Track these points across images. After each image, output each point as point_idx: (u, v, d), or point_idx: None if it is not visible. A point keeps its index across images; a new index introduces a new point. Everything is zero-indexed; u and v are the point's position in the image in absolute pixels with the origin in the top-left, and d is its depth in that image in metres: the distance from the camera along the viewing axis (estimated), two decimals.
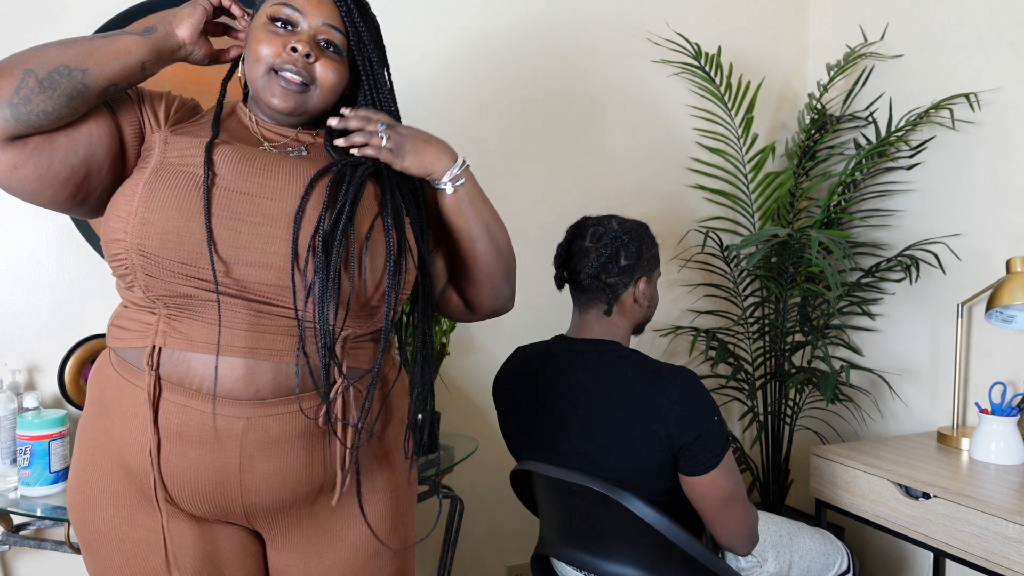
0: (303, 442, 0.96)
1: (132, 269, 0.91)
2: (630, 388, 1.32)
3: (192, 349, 0.92)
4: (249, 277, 0.91)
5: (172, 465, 0.93)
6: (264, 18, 1.01)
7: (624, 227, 1.41)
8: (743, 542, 1.39)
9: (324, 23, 1.01)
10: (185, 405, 0.92)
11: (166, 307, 0.93)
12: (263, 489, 0.95)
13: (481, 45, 2.14)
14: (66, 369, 1.73)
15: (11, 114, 0.87)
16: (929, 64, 2.14)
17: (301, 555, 1.03)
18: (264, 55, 0.99)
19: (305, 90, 1.01)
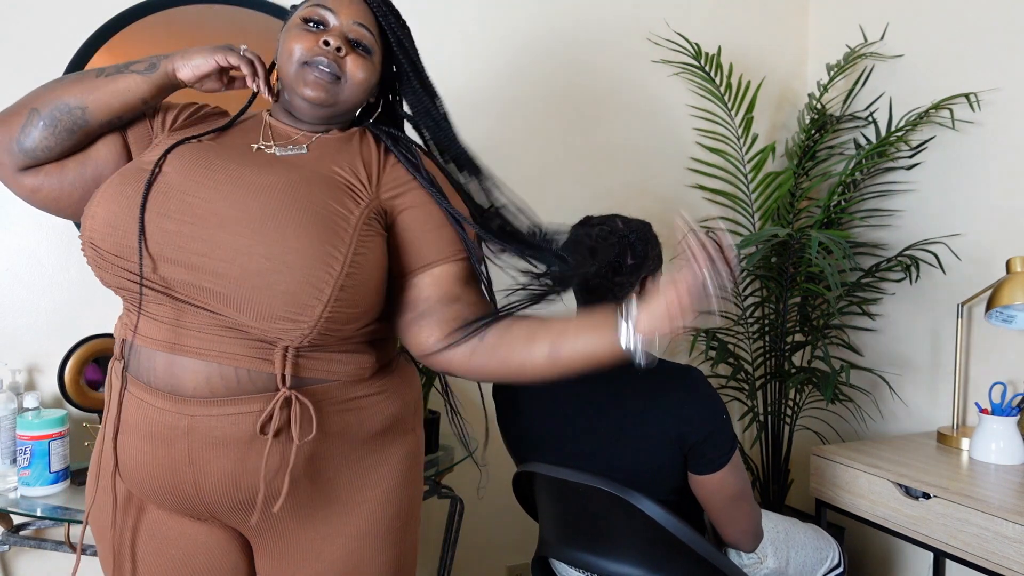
0: (253, 446, 0.93)
1: (90, 261, 0.96)
2: (640, 388, 1.31)
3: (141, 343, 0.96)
4: (172, 275, 0.92)
5: (131, 458, 0.97)
6: (297, 20, 1.05)
7: (630, 226, 1.41)
8: (749, 539, 1.39)
9: (355, 22, 1.04)
10: (141, 400, 0.95)
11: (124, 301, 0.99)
12: (218, 489, 0.95)
13: (480, 45, 2.14)
14: (66, 369, 1.73)
15: (18, 149, 0.98)
16: (929, 64, 2.14)
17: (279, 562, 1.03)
18: (297, 50, 1.01)
19: (336, 82, 1.02)
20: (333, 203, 0.96)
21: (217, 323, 0.93)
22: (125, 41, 1.80)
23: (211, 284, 0.91)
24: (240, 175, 0.95)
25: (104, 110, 0.98)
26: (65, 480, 1.62)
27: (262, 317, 0.91)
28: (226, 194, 0.93)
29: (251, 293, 0.90)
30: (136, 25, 1.81)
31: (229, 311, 0.91)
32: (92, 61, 1.77)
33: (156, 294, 0.94)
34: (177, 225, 0.92)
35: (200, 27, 1.86)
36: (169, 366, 0.94)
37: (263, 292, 0.90)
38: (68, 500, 1.56)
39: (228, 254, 0.90)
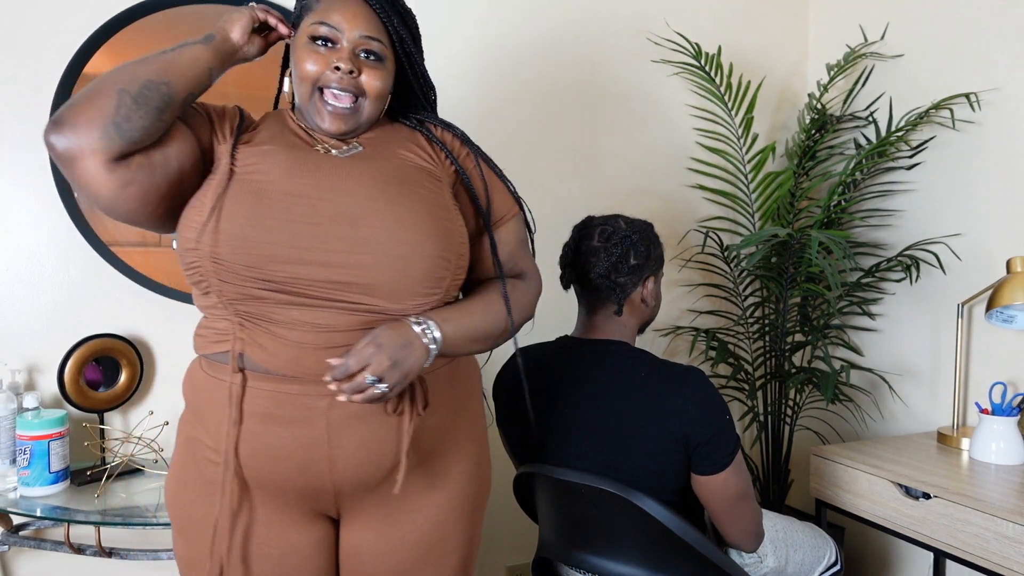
0: (383, 417, 1.02)
1: (206, 275, 0.98)
2: (643, 389, 1.31)
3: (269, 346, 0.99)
4: (307, 275, 0.97)
5: (264, 445, 1.00)
6: (304, 38, 1.06)
7: (632, 226, 1.41)
8: (751, 539, 1.39)
9: (362, 35, 1.06)
10: (274, 390, 1.00)
11: (237, 313, 1.00)
12: (350, 463, 1.01)
13: (481, 46, 2.14)
14: (66, 369, 1.73)
15: (116, 132, 0.92)
16: (929, 64, 2.14)
17: (375, 533, 1.09)
18: (309, 73, 1.05)
19: (356, 107, 1.07)
20: (426, 183, 1.07)
21: (346, 311, 0.99)
22: (125, 41, 1.80)
23: (351, 277, 0.98)
24: (344, 175, 1.02)
25: (183, 83, 0.98)
26: (65, 480, 1.62)
27: (401, 297, 1.00)
28: (343, 192, 1.00)
29: (392, 277, 0.99)
30: (136, 25, 1.81)
31: (367, 299, 0.99)
32: (92, 61, 1.77)
33: (288, 296, 0.98)
34: (310, 228, 0.98)
35: (200, 27, 1.86)
36: (300, 356, 0.99)
37: (403, 274, 0.99)
38: (68, 500, 1.56)
39: (369, 247, 0.98)
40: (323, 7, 1.06)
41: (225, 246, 0.96)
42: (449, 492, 1.11)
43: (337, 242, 0.98)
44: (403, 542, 1.09)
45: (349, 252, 0.98)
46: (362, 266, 0.98)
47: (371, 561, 1.09)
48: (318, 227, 0.98)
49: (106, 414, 1.81)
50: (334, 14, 1.05)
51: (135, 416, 1.86)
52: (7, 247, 1.76)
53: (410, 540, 1.09)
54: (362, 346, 0.95)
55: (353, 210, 1.00)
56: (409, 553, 1.09)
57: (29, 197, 1.76)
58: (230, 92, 1.88)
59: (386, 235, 0.99)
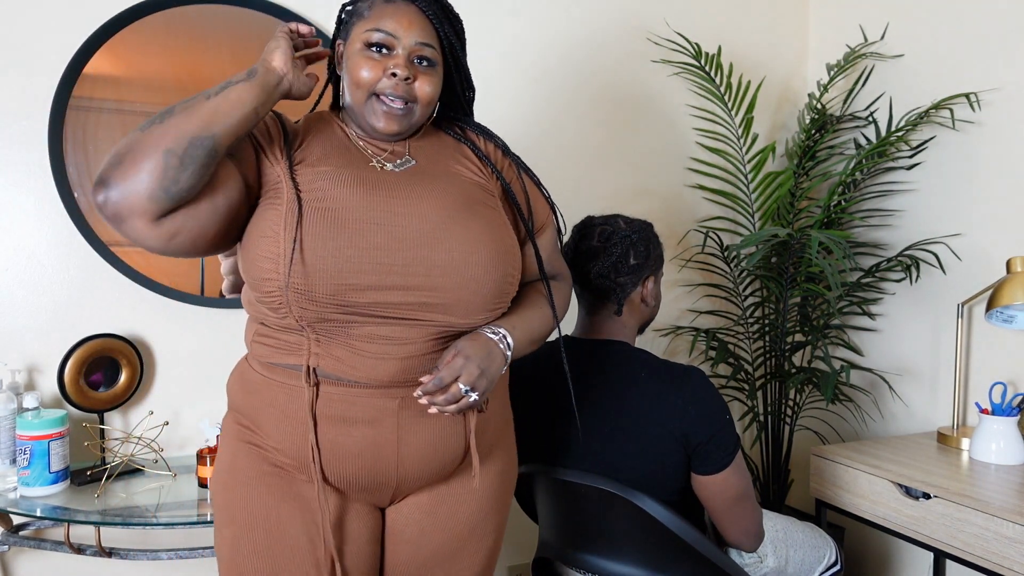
0: (445, 417, 1.08)
1: (286, 303, 1.00)
2: (644, 389, 1.31)
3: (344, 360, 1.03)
4: (387, 299, 1.02)
5: (336, 445, 1.05)
6: (359, 44, 1.07)
7: (632, 226, 1.41)
8: (751, 539, 1.39)
9: (417, 42, 1.07)
10: (347, 394, 1.04)
11: (314, 331, 1.03)
12: (416, 460, 1.08)
13: (481, 45, 2.14)
14: (66, 369, 1.73)
15: (163, 195, 0.92)
16: (929, 64, 2.15)
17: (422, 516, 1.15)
18: (365, 80, 1.06)
19: (408, 111, 1.08)
20: (488, 203, 1.12)
21: (421, 326, 1.05)
22: (125, 41, 1.80)
23: (428, 298, 1.03)
24: (414, 198, 1.06)
25: (230, 131, 0.96)
26: (65, 480, 1.62)
27: (472, 313, 1.06)
28: (416, 217, 1.04)
29: (465, 296, 1.04)
30: (136, 25, 1.81)
31: (442, 316, 1.05)
32: (92, 61, 1.77)
33: (366, 317, 1.02)
34: (389, 255, 1.01)
35: (200, 27, 1.86)
36: (376, 366, 1.04)
37: (475, 294, 1.05)
38: (68, 500, 1.56)
39: (445, 270, 1.03)
40: (375, 14, 1.07)
41: (308, 278, 0.98)
42: (491, 482, 1.19)
43: (416, 266, 1.02)
44: (447, 526, 1.15)
45: (427, 276, 1.03)
46: (438, 288, 1.03)
47: (416, 541, 1.15)
48: (397, 253, 1.02)
49: (106, 414, 1.81)
50: (388, 20, 1.06)
51: (135, 416, 1.86)
52: (7, 247, 1.76)
53: (454, 524, 1.16)
54: (451, 359, 1.03)
55: (428, 234, 1.03)
56: (452, 535, 1.16)
57: (29, 197, 1.76)
58: None
59: (461, 259, 1.04)
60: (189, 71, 1.87)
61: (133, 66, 1.81)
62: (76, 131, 1.78)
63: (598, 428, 1.34)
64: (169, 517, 1.50)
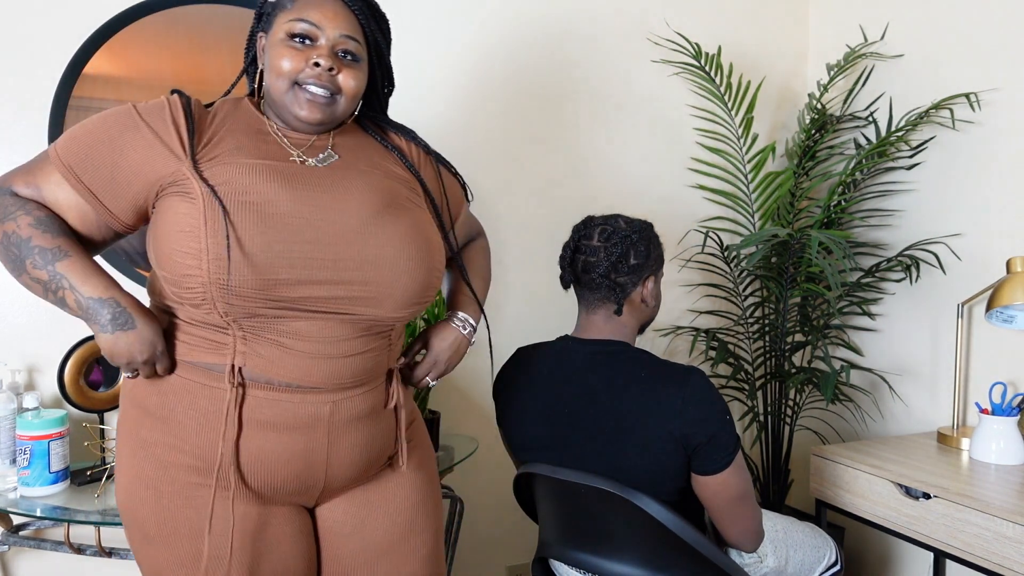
0: (375, 418, 1.11)
1: (210, 299, 0.97)
2: (643, 389, 1.31)
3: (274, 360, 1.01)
4: (320, 293, 1.01)
5: (263, 452, 1.03)
6: (282, 34, 1.06)
7: (632, 226, 1.41)
8: (750, 539, 1.39)
9: (341, 34, 1.06)
10: (276, 399, 1.02)
11: (241, 328, 1.00)
12: (345, 462, 1.08)
13: (482, 45, 2.14)
14: (66, 369, 1.73)
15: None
16: (929, 64, 2.15)
17: (354, 511, 1.15)
18: (287, 70, 1.05)
19: (332, 101, 1.07)
20: (413, 199, 1.14)
21: (350, 321, 1.04)
22: (125, 41, 1.80)
23: (359, 292, 1.03)
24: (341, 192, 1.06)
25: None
26: (65, 480, 1.62)
27: (400, 307, 1.07)
28: (344, 212, 1.04)
29: (395, 290, 1.05)
30: (136, 25, 1.81)
31: (371, 310, 1.05)
32: (92, 61, 1.77)
33: (294, 311, 1.01)
34: (319, 249, 1.00)
35: (200, 27, 1.86)
36: (308, 366, 1.02)
37: (405, 288, 1.06)
38: (68, 500, 1.56)
39: (375, 265, 1.03)
40: (300, 5, 1.06)
41: (235, 273, 0.95)
42: (419, 475, 1.21)
43: (346, 261, 1.02)
44: (387, 513, 1.16)
45: (357, 270, 1.02)
46: (369, 282, 1.03)
47: (359, 533, 1.15)
48: (328, 248, 1.01)
49: (106, 414, 1.81)
50: (313, 11, 1.05)
51: None
52: None
53: (393, 511, 1.17)
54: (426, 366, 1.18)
55: (356, 230, 1.03)
56: (394, 522, 1.17)
57: None
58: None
59: (391, 254, 1.04)
60: (189, 71, 1.87)
61: (133, 66, 1.81)
62: None
63: (598, 428, 1.34)
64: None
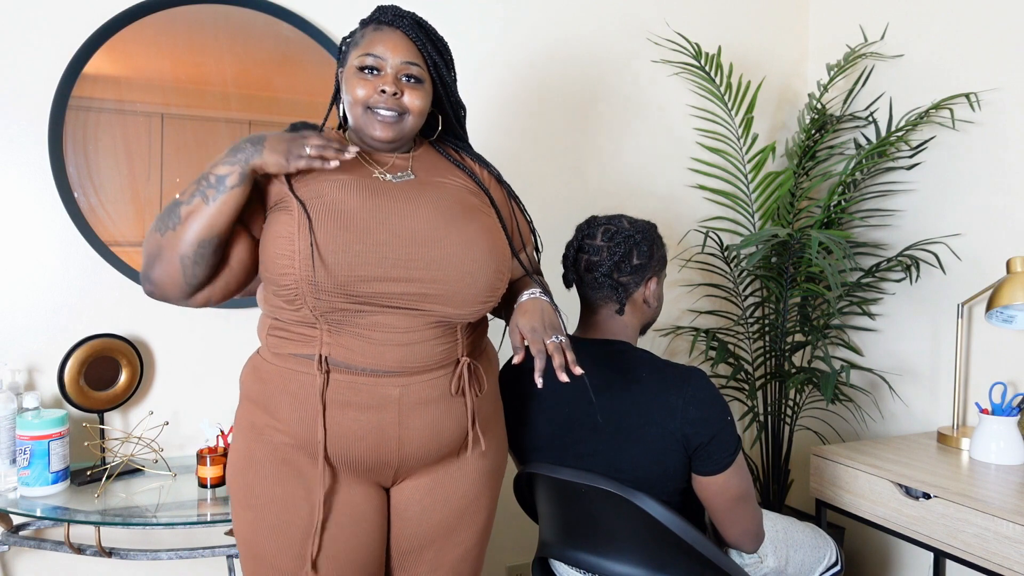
0: (444, 401, 1.20)
1: (301, 296, 1.12)
2: (645, 389, 1.31)
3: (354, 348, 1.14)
4: (394, 290, 1.14)
5: (342, 428, 1.15)
6: (354, 68, 1.21)
7: (636, 226, 1.41)
8: (751, 540, 1.39)
9: (403, 61, 1.20)
10: (354, 383, 1.15)
11: (327, 322, 1.14)
12: (416, 442, 1.19)
13: (482, 45, 2.14)
14: (66, 369, 1.73)
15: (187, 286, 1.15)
16: (929, 64, 2.15)
17: (422, 495, 1.26)
18: (359, 97, 1.20)
19: (400, 119, 1.21)
20: (479, 207, 1.26)
21: (421, 315, 1.16)
22: (125, 41, 1.80)
23: (428, 290, 1.15)
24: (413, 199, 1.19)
25: (228, 225, 1.12)
26: (65, 480, 1.62)
27: (466, 305, 1.18)
28: (417, 217, 1.17)
29: (461, 289, 1.16)
30: (136, 25, 1.81)
31: (439, 306, 1.16)
32: (92, 61, 1.77)
33: (372, 307, 1.13)
34: (393, 250, 1.14)
35: (200, 27, 1.86)
36: (383, 353, 1.15)
37: (470, 287, 1.17)
38: (68, 500, 1.56)
39: (443, 265, 1.15)
40: (367, 41, 1.21)
41: (319, 270, 1.10)
42: (485, 462, 1.30)
43: (416, 261, 1.14)
44: (445, 503, 1.27)
45: (426, 269, 1.14)
46: (438, 281, 1.15)
47: (417, 519, 1.26)
48: (400, 249, 1.14)
49: (106, 414, 1.81)
50: (378, 45, 1.20)
51: (135, 416, 1.86)
52: (7, 247, 1.76)
53: (451, 502, 1.27)
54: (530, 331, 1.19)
55: (428, 232, 1.16)
56: (449, 513, 1.28)
57: (29, 197, 1.76)
58: (231, 92, 1.89)
59: (458, 254, 1.16)
60: (189, 71, 1.87)
61: (133, 66, 1.81)
62: (76, 131, 1.78)
63: (599, 428, 1.34)
64: (169, 517, 1.50)
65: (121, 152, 1.81)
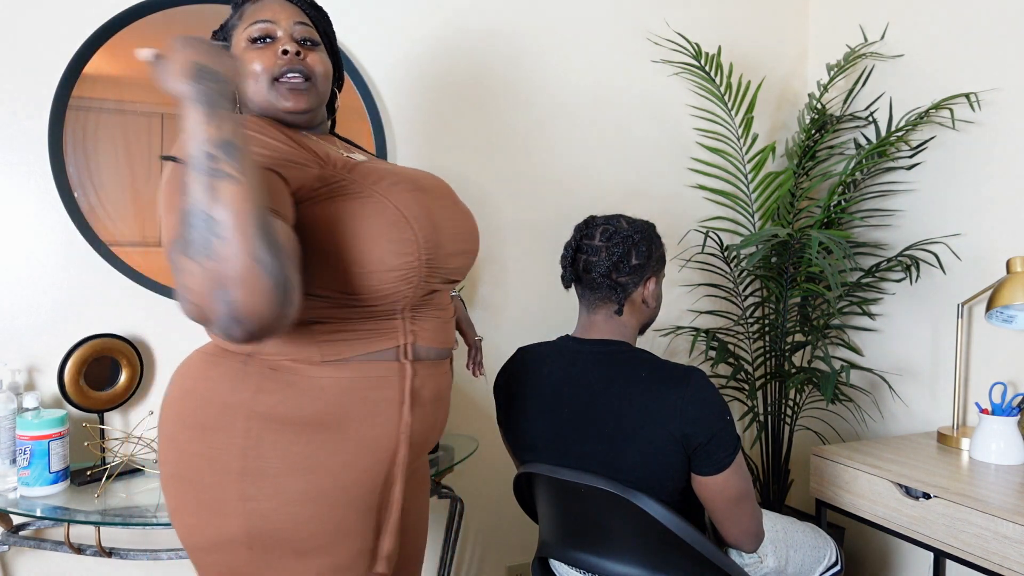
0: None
1: (414, 282, 1.01)
2: (644, 389, 1.31)
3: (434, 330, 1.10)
4: (463, 263, 1.13)
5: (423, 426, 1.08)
6: (243, 43, 1.11)
7: (634, 226, 1.41)
8: (751, 540, 1.39)
9: (295, 22, 1.12)
10: (430, 374, 1.09)
11: (411, 309, 1.05)
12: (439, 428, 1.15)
13: (482, 44, 2.14)
14: (66, 369, 1.73)
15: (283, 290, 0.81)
16: (929, 64, 2.15)
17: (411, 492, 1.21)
18: (260, 70, 1.09)
19: (311, 84, 1.11)
20: None
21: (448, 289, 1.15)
22: (125, 41, 1.80)
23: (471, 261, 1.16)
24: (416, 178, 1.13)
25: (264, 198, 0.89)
26: (65, 480, 1.62)
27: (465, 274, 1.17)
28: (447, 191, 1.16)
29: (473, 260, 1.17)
30: (136, 25, 1.81)
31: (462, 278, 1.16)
32: (92, 61, 1.77)
33: (446, 283, 1.11)
34: (456, 224, 1.11)
35: (200, 27, 1.86)
36: (447, 330, 1.13)
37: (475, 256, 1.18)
38: (68, 500, 1.56)
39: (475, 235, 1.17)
40: (248, 14, 1.12)
41: (434, 252, 1.04)
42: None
43: (471, 232, 1.15)
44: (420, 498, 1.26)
45: (474, 240, 1.16)
46: (475, 252, 1.17)
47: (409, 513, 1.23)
48: (461, 222, 1.13)
49: (106, 414, 1.81)
50: (263, 12, 1.11)
51: (135, 416, 1.86)
52: (7, 247, 1.76)
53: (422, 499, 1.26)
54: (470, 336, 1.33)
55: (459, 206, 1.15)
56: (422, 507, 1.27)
57: (29, 197, 1.76)
58: None
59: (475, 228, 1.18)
60: None
61: (133, 66, 1.81)
62: (76, 131, 1.78)
63: (598, 428, 1.34)
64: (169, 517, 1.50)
65: (121, 152, 1.81)
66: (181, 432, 1.01)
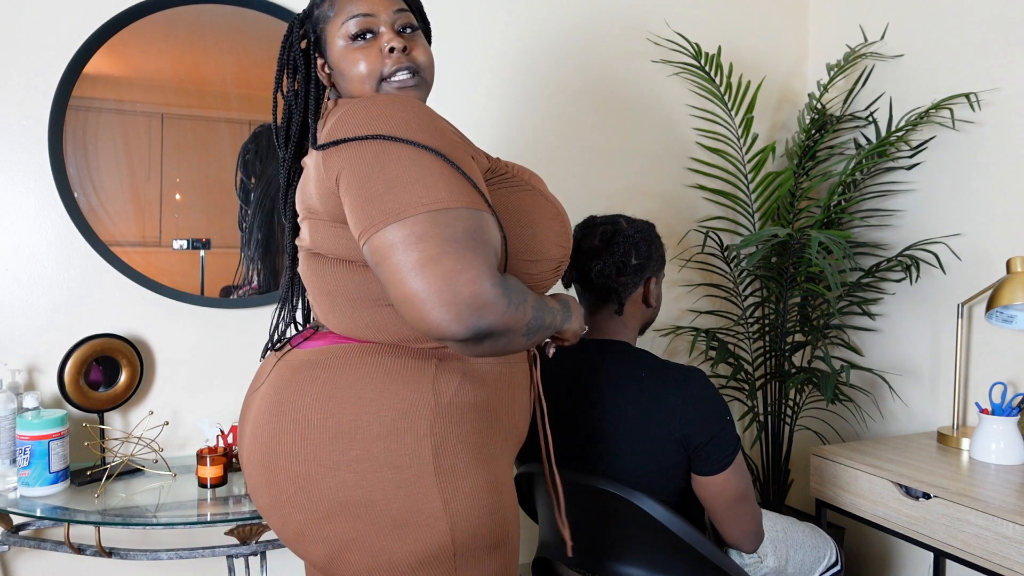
0: None
1: (560, 272, 1.08)
2: (644, 389, 1.31)
3: None
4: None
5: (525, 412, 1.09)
6: (343, 42, 1.02)
7: (634, 227, 1.42)
8: (751, 540, 1.39)
9: (394, 10, 1.03)
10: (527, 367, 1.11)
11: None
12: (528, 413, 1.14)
13: (481, 44, 2.14)
14: (66, 369, 1.73)
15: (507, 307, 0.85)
16: (929, 64, 2.15)
17: None
18: (367, 72, 1.01)
19: (420, 80, 1.04)
20: None
21: None
22: (125, 41, 1.80)
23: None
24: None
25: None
26: (65, 480, 1.62)
27: None
28: None
29: None
30: (136, 25, 1.81)
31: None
32: (92, 61, 1.77)
33: None
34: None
35: (200, 27, 1.86)
36: None
37: None
38: (68, 500, 1.56)
39: None
40: (341, 8, 1.03)
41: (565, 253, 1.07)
42: None
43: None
44: None
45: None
46: None
47: None
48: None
49: (106, 414, 1.81)
50: (361, 3, 1.02)
51: (135, 416, 1.86)
52: (7, 247, 1.76)
53: None
54: None
55: None
56: None
57: (29, 197, 1.76)
58: (231, 92, 1.89)
59: None
60: (189, 71, 1.87)
61: (133, 66, 1.81)
62: (76, 131, 1.78)
63: (598, 428, 1.34)
64: (169, 517, 1.50)
65: (121, 152, 1.81)
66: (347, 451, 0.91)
